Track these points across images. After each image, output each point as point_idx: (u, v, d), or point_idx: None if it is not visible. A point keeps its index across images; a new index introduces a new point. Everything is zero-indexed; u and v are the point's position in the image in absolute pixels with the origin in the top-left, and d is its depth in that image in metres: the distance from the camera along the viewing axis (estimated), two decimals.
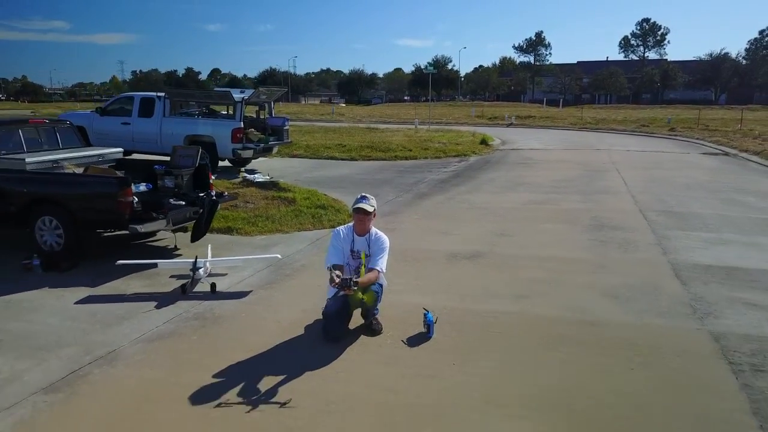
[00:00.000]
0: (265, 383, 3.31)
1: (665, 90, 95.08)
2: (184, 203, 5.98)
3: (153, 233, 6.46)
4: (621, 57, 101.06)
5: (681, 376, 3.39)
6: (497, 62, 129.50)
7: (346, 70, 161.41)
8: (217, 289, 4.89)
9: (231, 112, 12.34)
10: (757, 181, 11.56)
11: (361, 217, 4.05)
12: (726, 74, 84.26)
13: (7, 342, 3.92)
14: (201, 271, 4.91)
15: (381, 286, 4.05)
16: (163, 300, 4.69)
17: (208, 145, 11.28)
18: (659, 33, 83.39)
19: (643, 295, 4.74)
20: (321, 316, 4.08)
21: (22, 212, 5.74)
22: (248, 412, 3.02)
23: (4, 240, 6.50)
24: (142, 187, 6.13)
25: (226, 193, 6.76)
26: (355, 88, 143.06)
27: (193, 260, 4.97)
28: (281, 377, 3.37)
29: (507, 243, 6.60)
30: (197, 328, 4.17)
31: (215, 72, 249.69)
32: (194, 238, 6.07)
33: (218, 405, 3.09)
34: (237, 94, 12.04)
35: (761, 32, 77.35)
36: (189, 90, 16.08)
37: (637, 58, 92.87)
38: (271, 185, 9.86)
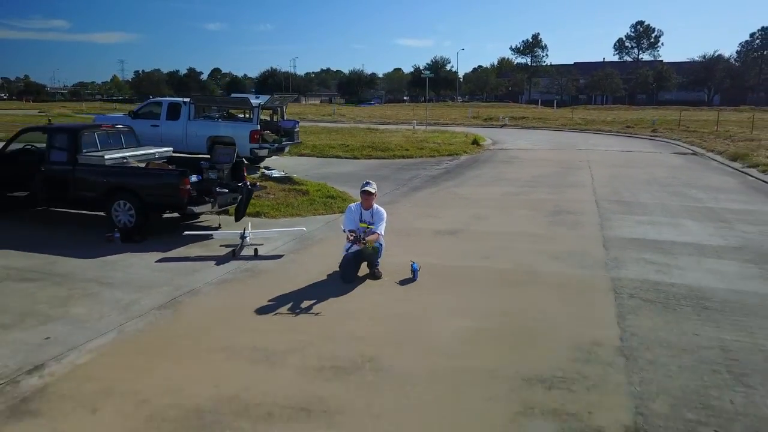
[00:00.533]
0: (304, 304, 4.98)
1: (660, 91, 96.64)
2: (227, 191, 7.66)
3: (199, 215, 8.12)
4: (616, 58, 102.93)
5: (580, 299, 5.07)
6: (496, 63, 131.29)
7: (346, 70, 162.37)
8: (258, 253, 6.56)
9: (249, 115, 13.99)
10: (707, 177, 13.24)
11: (366, 196, 5.73)
12: (719, 76, 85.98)
13: (117, 284, 5.58)
14: (247, 239, 6.59)
15: (381, 245, 5.73)
16: (219, 260, 6.35)
17: (228, 144, 12.92)
18: (653, 35, 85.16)
19: (575, 257, 6.42)
20: (338, 269, 5.74)
21: (101, 198, 7.40)
22: (295, 317, 4.70)
23: (82, 220, 8.16)
24: (194, 178, 7.79)
25: (258, 184, 8.42)
26: (354, 88, 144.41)
27: (242, 231, 6.65)
28: (313, 301, 5.04)
29: (481, 223, 8.27)
30: (249, 277, 5.84)
31: (215, 72, 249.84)
32: (237, 219, 7.74)
33: (274, 314, 4.77)
34: (254, 100, 13.70)
35: (752, 35, 79.05)
36: (212, 96, 17.64)
37: (632, 60, 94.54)
38: (286, 180, 11.53)
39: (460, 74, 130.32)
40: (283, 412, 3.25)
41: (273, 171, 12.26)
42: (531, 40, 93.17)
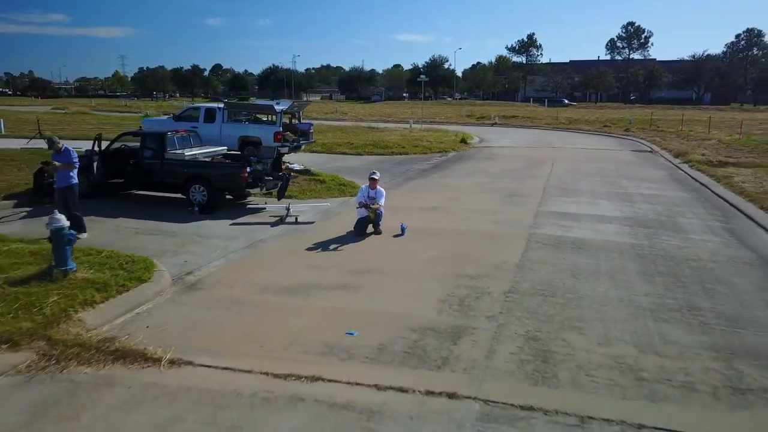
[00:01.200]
0: (332, 246, 8.04)
1: (651, 89, 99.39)
2: (271, 178, 10.71)
3: (249, 195, 11.15)
4: (609, 57, 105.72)
5: (504, 244, 8.13)
6: (494, 60, 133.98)
7: (346, 66, 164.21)
8: (298, 220, 9.61)
9: (272, 119, 16.99)
10: (644, 171, 16.32)
11: (372, 181, 8.80)
12: (708, 75, 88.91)
13: (210, 237, 8.61)
14: (290, 211, 9.66)
15: (381, 213, 8.80)
16: (273, 224, 9.40)
17: (256, 143, 15.95)
18: (643, 36, 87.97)
19: (511, 222, 9.50)
20: (353, 229, 8.79)
21: (182, 183, 10.44)
22: (329, 251, 7.77)
23: (161, 200, 11.19)
24: (248, 169, 10.83)
25: (292, 174, 11.47)
26: (355, 85, 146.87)
27: (286, 206, 9.72)
28: (339, 244, 8.11)
29: (454, 203, 11.33)
30: (295, 233, 8.90)
31: (217, 68, 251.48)
32: (279, 198, 10.79)
33: (317, 251, 7.83)
34: (278, 107, 16.69)
35: (737, 36, 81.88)
36: (242, 102, 20.54)
37: (622, 59, 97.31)
38: (305, 172, 14.57)
39: (460, 70, 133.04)
40: (331, 289, 6.33)
41: (294, 165, 15.29)
42: (526, 39, 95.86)
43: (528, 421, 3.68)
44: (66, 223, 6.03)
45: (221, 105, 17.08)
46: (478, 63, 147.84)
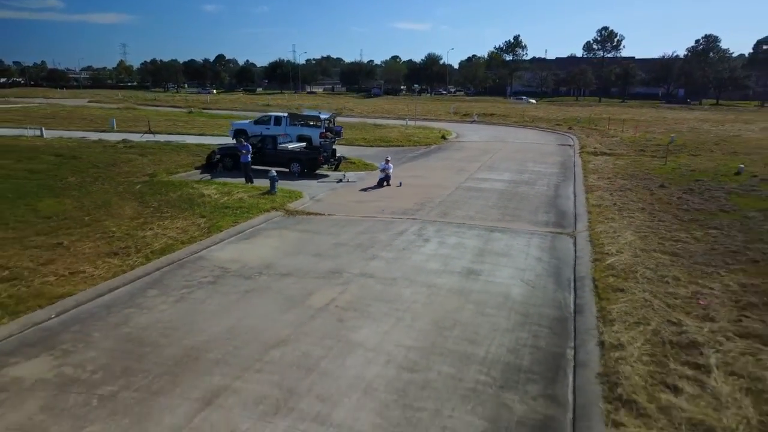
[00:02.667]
0: (367, 190, 18.02)
1: (628, 86, 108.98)
2: (333, 159, 20.66)
3: (319, 168, 21.05)
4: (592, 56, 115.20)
5: (446, 189, 18.10)
6: (488, 54, 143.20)
7: (346, 58, 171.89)
8: (348, 180, 19.56)
9: (318, 124, 26.81)
10: (549, 158, 26.22)
11: (386, 161, 18.83)
12: (675, 74, 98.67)
13: (309, 186, 18.54)
14: (348, 177, 19.65)
15: (390, 175, 18.79)
16: (337, 182, 19.35)
17: (308, 139, 25.81)
18: (616, 39, 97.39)
19: (453, 181, 19.46)
20: (376, 183, 18.73)
21: (286, 162, 20.34)
22: (367, 192, 17.76)
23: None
24: (323, 155, 20.72)
25: (343, 156, 21.42)
26: (356, 78, 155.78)
27: (343, 174, 19.73)
28: (371, 190, 18.09)
29: (427, 173, 21.26)
30: (348, 186, 18.84)
31: (220, 58, 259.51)
32: (335, 170, 20.75)
33: (361, 191, 17.82)
34: (321, 116, 26.57)
35: (697, 41, 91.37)
36: (299, 113, 29.98)
37: (600, 58, 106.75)
38: (342, 158, 24.48)
39: (457, 61, 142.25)
40: (372, 201, 16.31)
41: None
42: (512, 41, 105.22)
43: (441, 224, 13.66)
44: (275, 174, 16.01)
45: (286, 114, 26.95)
46: (474, 56, 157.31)
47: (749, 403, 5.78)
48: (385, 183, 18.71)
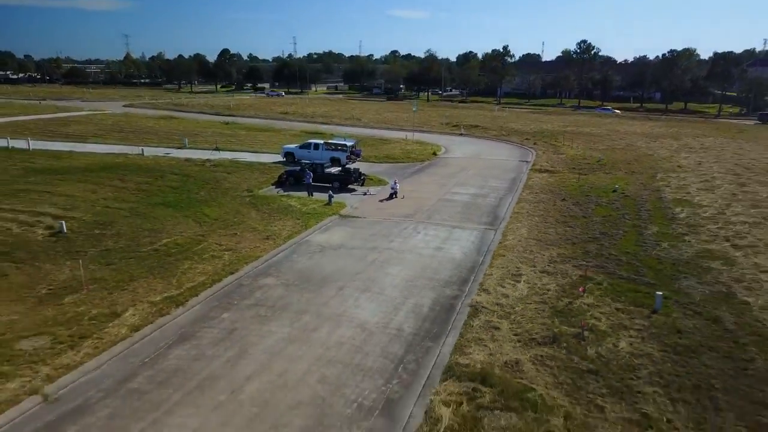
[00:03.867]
0: (382, 200, 29.25)
1: (607, 89, 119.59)
2: (359, 178, 31.89)
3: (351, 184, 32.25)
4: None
5: (431, 200, 29.36)
6: (481, 56, 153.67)
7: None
8: (370, 193, 30.77)
9: (344, 148, 37.89)
10: (507, 174, 37.35)
11: (395, 182, 30.11)
12: (648, 80, 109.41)
13: (346, 198, 29.76)
14: (369, 191, 30.91)
15: (398, 190, 30.07)
16: (363, 194, 30.55)
17: (337, 160, 36.96)
18: (593, 51, 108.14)
19: (437, 193, 30.67)
20: (389, 196, 29.94)
21: (329, 181, 31.51)
22: (384, 202, 29.02)
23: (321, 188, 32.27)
24: (353, 177, 31.87)
25: (365, 175, 32.62)
26: (358, 77, 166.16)
27: (367, 189, 31.01)
28: (385, 201, 29.30)
29: (419, 186, 32.44)
30: (370, 197, 30.05)
31: (225, 52, 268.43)
32: (361, 185, 31.97)
33: (380, 201, 29.06)
34: (347, 143, 37.76)
35: (669, 52, 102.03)
36: (332, 142, 40.53)
37: (583, 62, 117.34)
38: (365, 177, 35.71)
39: (455, 55, 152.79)
40: (388, 208, 27.56)
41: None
42: (501, 50, 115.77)
43: (426, 224, 24.91)
44: (332, 193, 27.33)
45: (322, 142, 38.08)
46: (470, 52, 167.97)
47: (528, 288, 17.12)
48: (394, 196, 29.90)
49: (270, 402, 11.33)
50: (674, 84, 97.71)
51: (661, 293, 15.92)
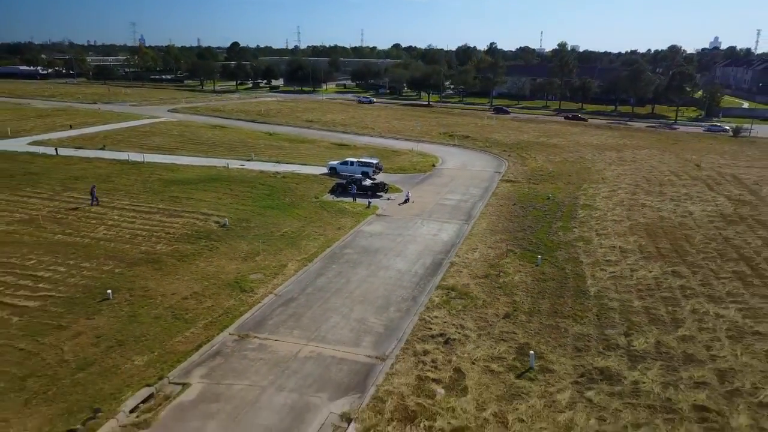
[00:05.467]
0: (400, 203, 46.26)
1: (586, 94, 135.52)
2: (384, 187, 48.90)
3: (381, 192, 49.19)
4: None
5: (431, 204, 46.40)
6: (476, 59, 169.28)
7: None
8: (391, 198, 47.74)
9: (372, 163, 54.77)
10: (482, 183, 54.20)
11: (408, 193, 47.21)
12: (620, 88, 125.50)
13: (378, 202, 46.71)
14: (391, 197, 47.98)
15: (409, 198, 47.11)
16: (387, 200, 47.52)
17: (367, 174, 53.92)
18: (570, 48, 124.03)
19: (435, 199, 47.65)
20: (404, 201, 46.89)
21: (366, 191, 48.43)
22: (402, 205, 46.08)
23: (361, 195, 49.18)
24: (384, 187, 48.77)
25: (387, 185, 49.57)
26: (364, 77, 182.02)
27: (389, 195, 48.08)
28: (402, 205, 46.32)
29: (422, 193, 49.35)
30: (392, 201, 47.04)
31: (234, 45, 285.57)
32: (385, 193, 48.95)
33: (399, 205, 46.11)
34: (373, 161, 54.73)
35: (635, 63, 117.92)
36: (364, 160, 57.20)
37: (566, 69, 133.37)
38: (387, 187, 52.74)
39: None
40: (405, 209, 44.61)
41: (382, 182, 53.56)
42: (493, 61, 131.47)
43: (428, 220, 41.97)
44: (370, 200, 44.43)
45: (357, 160, 54.98)
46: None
47: (479, 254, 34.33)
48: (407, 200, 46.80)
49: (366, 297, 28.49)
50: (638, 94, 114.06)
51: (541, 257, 33.12)
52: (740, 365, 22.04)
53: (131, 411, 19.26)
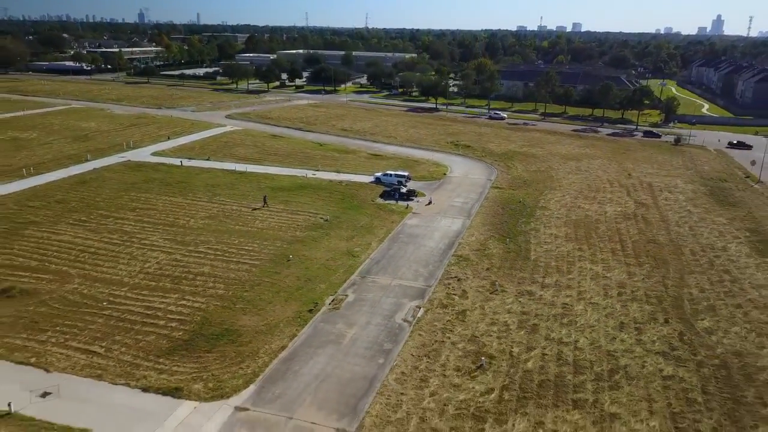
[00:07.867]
0: (427, 204, 73.29)
1: (569, 99, 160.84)
2: (414, 193, 75.93)
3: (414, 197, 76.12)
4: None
5: (442, 205, 73.47)
6: (475, 64, 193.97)
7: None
8: (419, 201, 74.72)
9: (404, 175, 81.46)
10: (476, 188, 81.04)
11: (431, 198, 74.43)
12: (595, 98, 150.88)
13: (413, 203, 73.63)
14: (419, 200, 75.09)
15: (432, 201, 74.21)
16: (420, 202, 74.48)
17: (400, 182, 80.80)
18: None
19: (447, 202, 74.67)
20: (428, 202, 73.83)
21: (402, 197, 75.33)
22: (428, 205, 73.15)
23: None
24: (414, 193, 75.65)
25: (416, 191, 76.54)
26: (379, 78, 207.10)
27: (418, 199, 75.26)
28: (427, 205, 73.33)
29: (440, 196, 76.23)
30: (420, 204, 74.03)
31: (252, 38, 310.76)
32: (415, 196, 75.98)
33: (426, 205, 73.16)
34: (404, 173, 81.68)
35: (607, 78, 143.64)
36: (398, 173, 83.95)
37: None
38: (416, 193, 79.75)
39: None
40: (431, 215, 71.79)
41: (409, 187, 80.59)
42: (489, 71, 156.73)
43: (444, 216, 69.11)
44: (408, 203, 71.72)
45: (394, 172, 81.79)
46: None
47: (474, 239, 61.71)
48: (430, 203, 73.68)
49: (416, 259, 55.88)
50: (608, 105, 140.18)
51: (509, 240, 60.73)
52: (590, 288, 49.54)
53: (329, 304, 46.86)
